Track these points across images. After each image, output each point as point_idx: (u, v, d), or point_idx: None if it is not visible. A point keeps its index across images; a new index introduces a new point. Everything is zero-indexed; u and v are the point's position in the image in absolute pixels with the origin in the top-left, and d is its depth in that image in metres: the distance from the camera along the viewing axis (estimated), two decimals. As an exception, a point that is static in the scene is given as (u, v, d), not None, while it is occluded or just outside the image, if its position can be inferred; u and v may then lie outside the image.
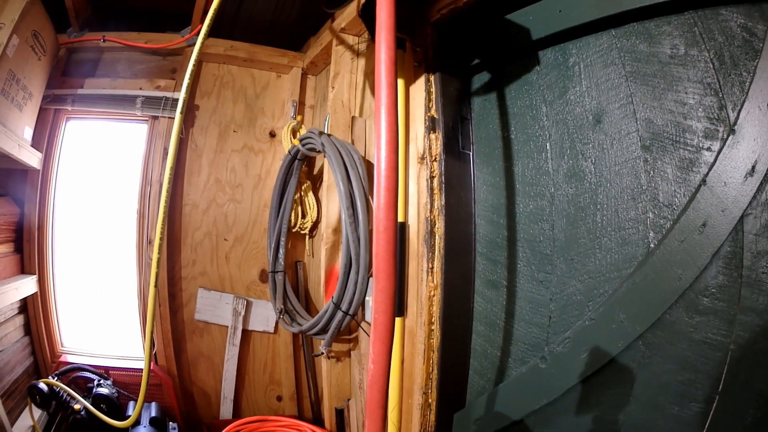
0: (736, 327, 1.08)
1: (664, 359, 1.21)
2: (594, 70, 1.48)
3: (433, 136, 1.81)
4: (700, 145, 1.19)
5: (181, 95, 1.68)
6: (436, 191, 1.78)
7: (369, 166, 2.19)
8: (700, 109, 1.20)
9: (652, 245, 1.27)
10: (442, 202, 1.77)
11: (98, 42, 3.20)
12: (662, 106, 1.29)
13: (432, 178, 1.79)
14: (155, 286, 1.63)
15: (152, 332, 1.69)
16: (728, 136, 1.12)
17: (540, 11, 1.61)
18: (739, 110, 1.12)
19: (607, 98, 1.44)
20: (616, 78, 1.41)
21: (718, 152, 1.14)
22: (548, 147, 1.60)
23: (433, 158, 1.79)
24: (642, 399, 1.25)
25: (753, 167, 1.07)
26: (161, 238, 1.61)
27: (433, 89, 1.86)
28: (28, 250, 2.98)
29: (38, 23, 2.63)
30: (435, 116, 1.82)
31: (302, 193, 2.96)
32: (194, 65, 1.73)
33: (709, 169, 1.15)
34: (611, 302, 1.32)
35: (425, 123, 1.81)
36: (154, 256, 1.61)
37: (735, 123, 1.11)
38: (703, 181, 1.16)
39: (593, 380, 1.36)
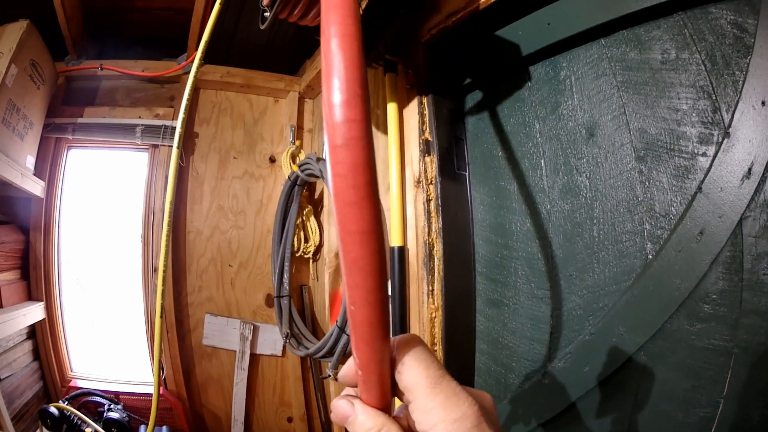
0: (739, 330, 1.07)
1: (666, 368, 1.21)
2: (585, 83, 1.48)
3: (428, 159, 1.81)
4: (695, 151, 1.19)
5: (177, 129, 1.69)
6: (433, 214, 1.78)
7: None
8: (693, 114, 1.20)
9: (650, 256, 1.27)
10: (440, 225, 1.77)
11: (96, 70, 3.22)
12: (655, 114, 1.29)
13: (429, 201, 1.79)
14: (161, 316, 1.64)
15: (160, 359, 1.70)
16: (723, 139, 1.12)
17: (529, 26, 1.61)
18: (733, 111, 1.11)
19: (599, 111, 1.43)
20: (607, 89, 1.41)
21: (714, 157, 1.14)
22: (543, 164, 1.60)
23: (429, 181, 1.80)
24: (646, 409, 1.25)
25: (749, 169, 1.07)
26: (165, 270, 1.61)
27: (426, 111, 1.86)
28: (34, 276, 3.00)
29: (36, 52, 2.68)
30: (429, 139, 1.82)
31: (304, 217, 2.98)
32: (188, 99, 1.74)
33: (705, 176, 1.15)
34: (610, 316, 1.32)
35: (420, 146, 1.81)
36: (159, 287, 1.61)
37: (729, 125, 1.11)
38: (699, 189, 1.15)
39: (596, 393, 1.36)
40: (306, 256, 3.04)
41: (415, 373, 0.53)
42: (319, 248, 3.03)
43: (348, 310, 0.52)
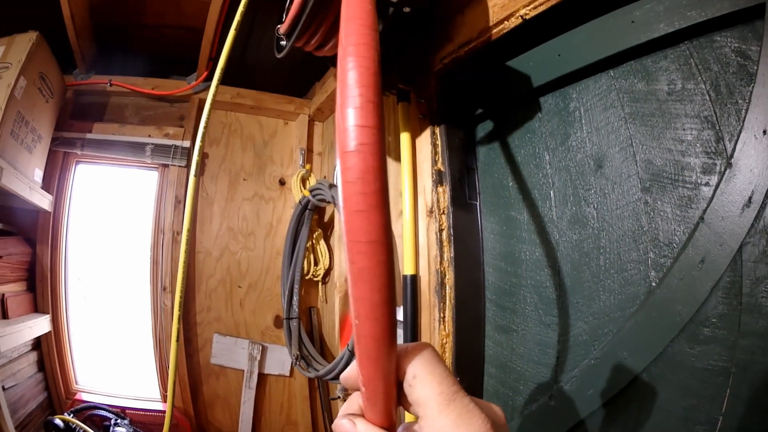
0: (737, 351, 1.08)
1: (667, 388, 1.22)
2: (594, 114, 1.50)
3: (440, 189, 1.82)
4: (698, 181, 1.20)
5: (194, 157, 1.70)
6: (445, 243, 1.80)
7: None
8: (698, 145, 1.21)
9: (653, 284, 1.28)
10: (452, 254, 1.78)
11: (105, 86, 3.25)
12: (661, 145, 1.30)
13: (441, 231, 1.80)
14: (177, 340, 1.66)
15: (174, 383, 1.72)
16: (725, 169, 1.12)
17: (540, 57, 1.62)
18: (736, 141, 1.11)
19: (607, 142, 1.45)
20: (615, 121, 1.42)
21: (716, 187, 1.14)
22: (552, 195, 1.62)
23: (442, 211, 1.81)
24: (647, 426, 1.27)
25: (750, 198, 1.07)
26: (182, 297, 1.63)
27: (438, 141, 1.88)
28: (41, 289, 3.01)
29: (45, 65, 2.70)
30: (442, 169, 1.84)
31: (314, 241, 3.00)
32: (204, 127, 1.76)
33: (707, 205, 1.16)
34: (615, 341, 1.34)
35: (432, 176, 1.83)
36: (176, 313, 1.64)
37: (732, 155, 1.11)
38: (701, 218, 1.16)
39: (599, 414, 1.38)
40: (315, 279, 3.05)
41: (428, 389, 0.51)
42: (328, 271, 3.04)
43: (353, 324, 0.50)
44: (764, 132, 1.06)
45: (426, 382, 0.51)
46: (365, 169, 0.44)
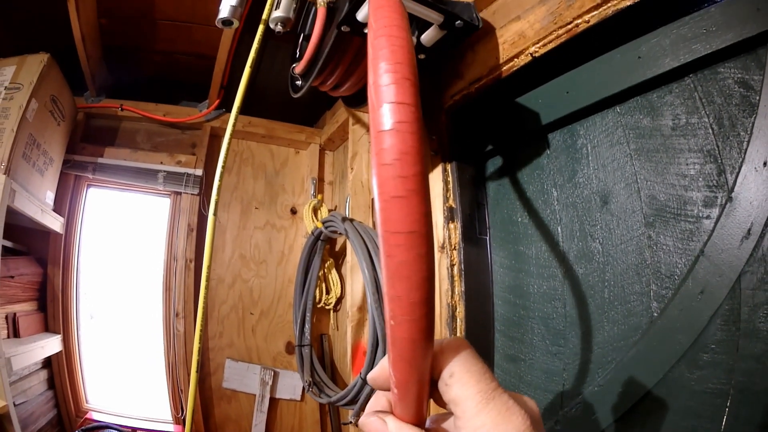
0: (736, 374, 1.10)
1: (667, 411, 1.25)
2: (601, 151, 1.52)
3: (452, 225, 1.86)
4: (700, 214, 1.22)
5: (213, 197, 1.71)
6: (456, 278, 1.83)
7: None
8: (700, 179, 1.23)
9: (655, 314, 1.31)
10: (462, 288, 1.82)
11: (116, 110, 3.28)
12: (665, 180, 1.32)
13: (452, 266, 1.84)
14: (197, 371, 1.70)
15: (193, 411, 1.76)
16: (726, 202, 1.15)
17: (548, 94, 1.64)
18: (737, 173, 1.13)
19: (613, 179, 1.47)
20: (621, 157, 1.45)
21: (717, 220, 1.17)
22: (559, 230, 1.65)
23: (453, 247, 1.85)
24: None
25: (749, 230, 1.09)
26: (202, 330, 1.67)
27: (450, 178, 1.91)
28: (52, 309, 3.03)
29: (56, 88, 2.72)
30: (453, 206, 1.88)
31: (326, 270, 3.04)
32: (222, 167, 1.76)
33: (708, 238, 1.18)
34: (618, 369, 1.38)
35: (444, 213, 1.87)
36: (195, 345, 1.68)
37: (732, 189, 1.13)
38: (702, 251, 1.19)
39: None
40: (327, 307, 3.09)
41: (466, 387, 0.49)
42: (340, 299, 3.08)
43: (387, 325, 0.47)
44: (765, 164, 1.09)
45: (464, 381, 0.50)
46: (404, 150, 0.41)
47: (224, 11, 1.70)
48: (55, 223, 2.90)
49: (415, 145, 0.41)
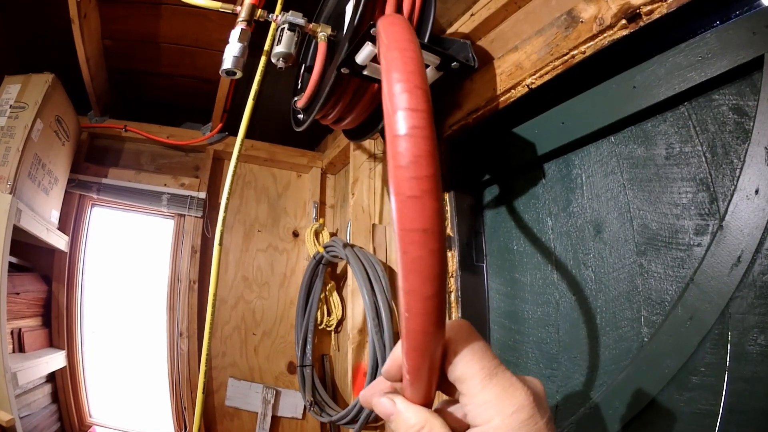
0: (725, 395, 1.12)
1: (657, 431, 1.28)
2: (595, 181, 1.55)
3: (449, 254, 1.90)
4: (691, 242, 1.24)
5: (219, 225, 1.75)
6: (453, 305, 1.88)
7: (391, 274, 2.31)
8: (692, 207, 1.24)
9: (645, 339, 1.34)
10: (459, 315, 1.86)
11: (120, 131, 3.32)
12: (657, 209, 1.34)
13: (449, 293, 1.88)
14: (203, 392, 1.74)
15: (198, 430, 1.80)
16: (717, 230, 1.16)
17: (544, 124, 1.68)
18: (729, 201, 1.14)
19: (606, 209, 1.50)
20: (615, 187, 1.47)
21: (707, 247, 1.18)
22: (554, 258, 1.69)
23: (450, 275, 1.89)
24: None
25: (739, 258, 1.11)
26: (208, 354, 1.72)
27: (448, 207, 1.95)
28: (56, 326, 3.07)
29: (61, 108, 2.76)
30: (451, 235, 1.92)
31: (327, 292, 3.08)
32: (228, 196, 1.81)
33: (699, 265, 1.20)
34: (609, 392, 1.40)
35: None
36: (202, 368, 1.72)
37: (724, 217, 1.14)
38: (692, 279, 1.21)
39: None
40: (328, 329, 3.12)
41: (470, 365, 0.51)
42: (341, 321, 3.11)
43: (402, 317, 0.49)
44: (756, 191, 1.09)
45: (467, 359, 0.52)
46: (418, 153, 0.44)
47: (227, 62, 1.76)
48: (60, 241, 2.95)
49: (429, 149, 0.44)
